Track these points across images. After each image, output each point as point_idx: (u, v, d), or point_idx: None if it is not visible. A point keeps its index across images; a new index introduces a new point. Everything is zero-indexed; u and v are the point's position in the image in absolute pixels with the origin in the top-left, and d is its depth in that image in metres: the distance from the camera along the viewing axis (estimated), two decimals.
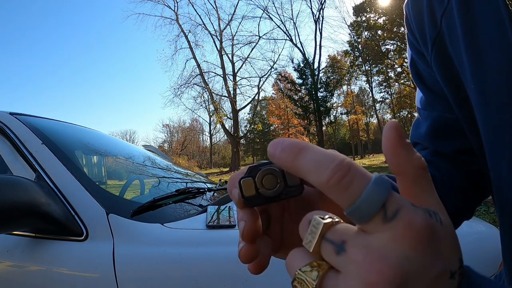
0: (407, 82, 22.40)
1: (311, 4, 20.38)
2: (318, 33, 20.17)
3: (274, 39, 23.93)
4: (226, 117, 25.68)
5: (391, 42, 21.88)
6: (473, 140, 0.40)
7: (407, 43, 0.48)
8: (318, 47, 20.12)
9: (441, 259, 0.17)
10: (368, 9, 22.65)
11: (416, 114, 0.52)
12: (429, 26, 0.40)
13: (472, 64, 0.34)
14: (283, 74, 24.76)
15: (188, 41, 24.70)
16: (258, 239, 0.24)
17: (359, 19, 23.15)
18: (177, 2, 24.73)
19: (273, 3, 26.53)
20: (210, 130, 36.85)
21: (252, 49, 25.31)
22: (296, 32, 26.61)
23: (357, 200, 0.17)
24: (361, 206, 0.17)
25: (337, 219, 0.19)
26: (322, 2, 19.93)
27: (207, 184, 1.60)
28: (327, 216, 0.19)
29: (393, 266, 0.16)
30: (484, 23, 0.33)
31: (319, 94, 19.13)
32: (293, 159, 0.19)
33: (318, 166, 0.18)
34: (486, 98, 0.34)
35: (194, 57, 24.68)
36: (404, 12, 0.46)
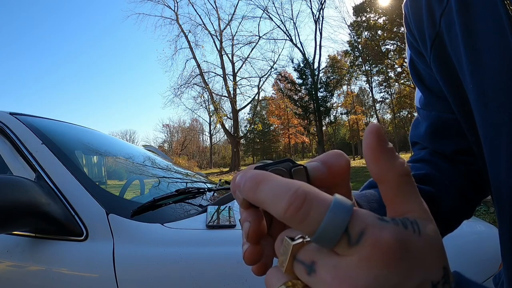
0: (407, 82, 22.39)
1: (311, 4, 20.38)
2: (318, 33, 20.17)
3: (274, 39, 23.94)
4: (226, 117, 25.69)
5: (391, 42, 21.89)
6: (472, 140, 0.40)
7: (406, 43, 0.48)
8: (318, 47, 20.13)
9: (417, 271, 0.17)
10: (368, 9, 22.66)
11: (416, 114, 0.53)
12: (428, 26, 0.40)
13: (470, 64, 0.34)
14: (283, 74, 24.78)
15: (188, 41, 24.71)
16: (262, 240, 0.24)
17: (359, 19, 23.15)
18: (177, 2, 24.74)
19: (273, 3, 26.54)
20: (210, 130, 36.89)
21: (252, 49, 25.32)
22: (296, 32, 26.64)
23: (317, 230, 0.17)
24: (322, 235, 0.17)
25: (308, 239, 0.18)
26: (322, 2, 19.93)
27: (207, 184, 1.60)
28: (298, 236, 0.18)
29: (361, 286, 0.16)
30: (483, 23, 0.33)
31: (319, 94, 19.13)
32: (254, 192, 0.18)
33: (275, 197, 0.17)
34: (485, 98, 0.34)
35: (194, 57, 24.69)
36: (403, 12, 0.46)
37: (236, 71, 25.56)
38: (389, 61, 21.98)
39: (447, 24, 0.37)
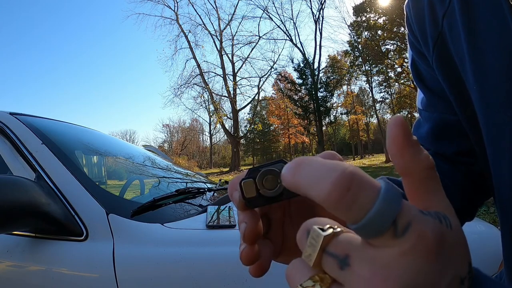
0: (407, 82, 22.39)
1: (311, 4, 20.39)
2: (318, 33, 20.18)
3: (274, 39, 23.95)
4: (226, 117, 25.70)
5: (391, 42, 21.87)
6: (474, 140, 0.40)
7: (407, 43, 0.47)
8: (318, 47, 20.13)
9: (452, 266, 0.16)
10: (368, 9, 22.65)
11: (416, 114, 0.53)
12: (430, 26, 0.39)
13: (473, 64, 0.34)
14: (283, 74, 24.77)
15: (188, 41, 24.71)
16: (259, 241, 0.24)
17: (359, 19, 23.14)
18: (177, 2, 24.75)
19: (273, 3, 26.55)
20: (210, 130, 36.88)
21: (252, 49, 25.34)
22: (296, 32, 26.64)
23: (364, 218, 0.15)
24: (368, 224, 0.15)
25: (338, 229, 0.17)
26: (322, 2, 19.94)
27: (207, 184, 1.60)
28: (327, 226, 0.17)
29: (403, 283, 0.15)
30: (485, 23, 0.33)
31: (319, 94, 19.13)
32: (293, 176, 0.17)
33: (318, 179, 0.16)
34: (487, 98, 0.34)
35: (194, 57, 24.69)
36: (405, 12, 0.46)
37: (236, 71, 25.58)
38: (389, 61, 21.97)
39: (450, 24, 0.37)
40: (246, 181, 0.22)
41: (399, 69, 21.93)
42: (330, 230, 0.17)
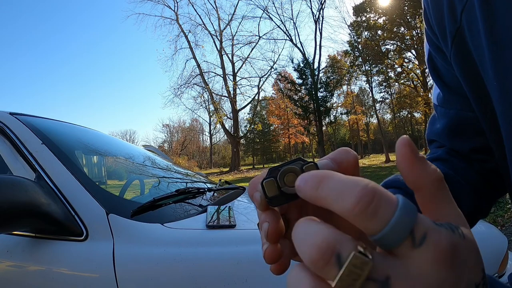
0: (407, 82, 22.39)
1: (311, 4, 20.38)
2: (318, 33, 20.17)
3: (274, 39, 23.95)
4: (226, 117, 25.71)
5: (391, 42, 21.87)
6: (492, 138, 0.39)
7: (424, 38, 0.47)
8: (318, 47, 20.12)
9: (466, 273, 0.17)
10: (368, 9, 22.64)
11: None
12: (448, 21, 0.39)
13: (493, 60, 0.33)
14: (283, 74, 24.76)
15: (188, 41, 24.71)
16: (280, 241, 0.24)
17: (359, 19, 23.14)
18: (177, 2, 24.74)
19: (273, 3, 26.56)
20: (210, 130, 36.89)
21: (252, 49, 25.35)
22: (296, 32, 26.66)
23: (384, 229, 0.16)
24: (388, 234, 0.16)
25: (367, 250, 0.16)
26: (322, 2, 19.93)
27: (207, 184, 1.60)
28: (360, 249, 0.16)
29: None
30: (505, 18, 0.32)
31: (319, 94, 19.12)
32: (315, 190, 0.18)
33: (341, 194, 0.16)
34: (508, 96, 0.33)
35: (194, 57, 24.68)
36: (422, 7, 0.45)
37: (236, 71, 25.57)
38: (389, 61, 21.96)
39: (468, 20, 0.36)
40: (267, 181, 0.23)
41: (399, 69, 21.93)
42: (367, 254, 0.16)
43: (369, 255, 0.16)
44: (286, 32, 21.69)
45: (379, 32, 22.06)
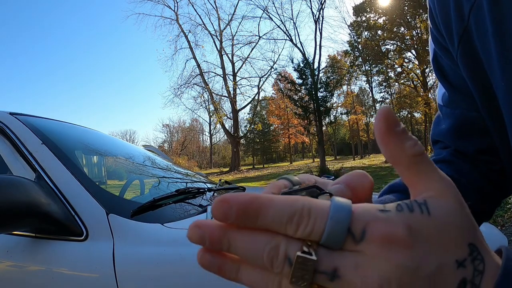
0: (407, 82, 22.39)
1: (311, 4, 20.35)
2: (318, 33, 20.15)
3: (274, 39, 23.93)
4: (226, 117, 25.72)
5: (391, 42, 21.88)
6: (498, 139, 0.39)
7: (430, 37, 0.46)
8: (318, 47, 20.10)
9: (435, 251, 0.17)
10: (368, 9, 22.65)
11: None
12: (455, 20, 0.38)
13: (501, 60, 0.33)
14: (283, 74, 24.73)
15: (188, 41, 24.71)
16: None
17: (359, 19, 23.15)
18: (177, 2, 24.75)
19: (273, 3, 26.51)
20: (210, 130, 36.89)
21: (252, 49, 25.34)
22: (296, 32, 26.61)
23: (322, 238, 0.17)
24: (328, 241, 0.17)
25: (312, 247, 0.18)
26: (322, 2, 19.91)
27: (207, 184, 1.60)
28: (305, 249, 0.18)
29: (384, 280, 0.17)
30: None
31: (319, 94, 19.09)
32: (254, 222, 0.18)
33: (282, 223, 0.18)
34: None
35: (194, 57, 24.69)
36: (428, 6, 0.45)
37: (236, 71, 25.59)
38: (389, 61, 21.97)
39: (476, 19, 0.35)
40: None
41: (399, 69, 21.94)
42: (312, 251, 0.18)
43: (312, 253, 0.17)
44: (286, 32, 21.69)
45: (379, 32, 22.06)
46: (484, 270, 0.18)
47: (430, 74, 20.36)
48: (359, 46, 22.68)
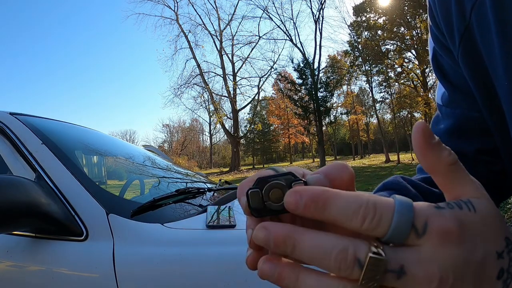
0: (407, 82, 22.38)
1: (311, 4, 20.36)
2: (318, 33, 20.15)
3: (274, 39, 23.94)
4: (226, 117, 25.72)
5: (391, 42, 21.87)
6: (499, 139, 0.39)
7: (429, 36, 0.45)
8: (318, 47, 20.11)
9: (480, 244, 0.19)
10: (368, 9, 22.64)
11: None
12: (457, 19, 0.38)
13: (505, 59, 0.32)
14: (283, 74, 24.74)
15: (188, 41, 24.72)
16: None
17: (359, 19, 23.13)
18: (177, 2, 24.76)
19: (273, 3, 26.56)
20: (210, 130, 36.90)
21: (252, 49, 25.37)
22: (296, 32, 26.65)
23: (388, 232, 0.18)
24: (393, 235, 0.18)
25: (379, 247, 0.19)
26: (322, 2, 19.92)
27: (207, 184, 1.60)
28: (374, 249, 0.18)
29: (445, 270, 0.18)
30: None
31: (319, 94, 19.10)
32: (321, 213, 0.19)
33: (348, 215, 0.19)
34: None
35: (194, 57, 24.69)
36: (428, 4, 0.44)
37: (236, 71, 25.59)
38: (389, 61, 21.95)
39: (479, 17, 0.35)
40: (252, 191, 0.22)
41: (399, 69, 21.93)
42: (380, 251, 0.18)
43: (382, 253, 0.18)
44: (286, 32, 21.69)
45: (379, 32, 22.05)
46: None
47: (430, 74, 20.36)
48: (359, 46, 22.67)
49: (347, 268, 0.18)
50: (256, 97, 26.21)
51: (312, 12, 20.24)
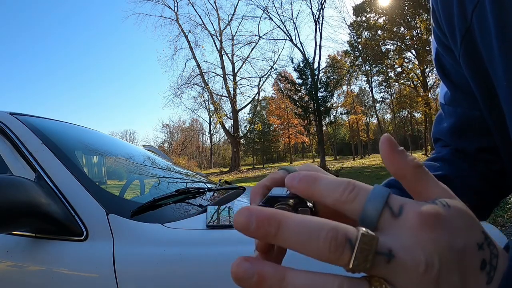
0: (407, 82, 22.38)
1: (311, 4, 20.34)
2: (318, 33, 20.13)
3: (274, 39, 23.92)
4: (226, 117, 25.71)
5: (391, 42, 21.87)
6: (499, 139, 0.39)
7: (432, 36, 0.46)
8: (318, 47, 20.09)
9: (459, 234, 0.19)
10: (368, 9, 22.65)
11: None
12: (458, 20, 0.39)
13: (504, 60, 0.33)
14: (283, 74, 24.72)
15: (188, 41, 24.70)
16: (271, 249, 0.25)
17: (359, 19, 23.14)
18: (177, 2, 24.74)
19: (273, 3, 26.54)
20: (210, 130, 36.91)
21: (252, 49, 25.35)
22: (296, 32, 26.63)
23: (364, 205, 0.19)
24: (367, 210, 0.19)
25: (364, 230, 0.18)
26: (322, 2, 19.90)
27: (207, 184, 1.60)
28: (363, 229, 0.18)
29: (431, 255, 0.18)
30: None
31: (319, 94, 19.09)
32: (310, 187, 0.21)
33: (332, 189, 0.21)
34: None
35: (194, 57, 24.68)
36: (430, 5, 0.45)
37: (236, 71, 25.59)
38: (389, 61, 21.96)
39: (479, 19, 0.36)
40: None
41: (399, 69, 21.93)
42: (369, 230, 0.18)
43: (372, 232, 0.18)
44: (286, 32, 21.68)
45: (379, 32, 22.06)
46: (498, 254, 0.20)
47: (430, 74, 20.36)
48: (359, 46, 22.67)
49: (337, 248, 0.17)
50: (256, 97, 26.22)
51: (312, 12, 20.23)
